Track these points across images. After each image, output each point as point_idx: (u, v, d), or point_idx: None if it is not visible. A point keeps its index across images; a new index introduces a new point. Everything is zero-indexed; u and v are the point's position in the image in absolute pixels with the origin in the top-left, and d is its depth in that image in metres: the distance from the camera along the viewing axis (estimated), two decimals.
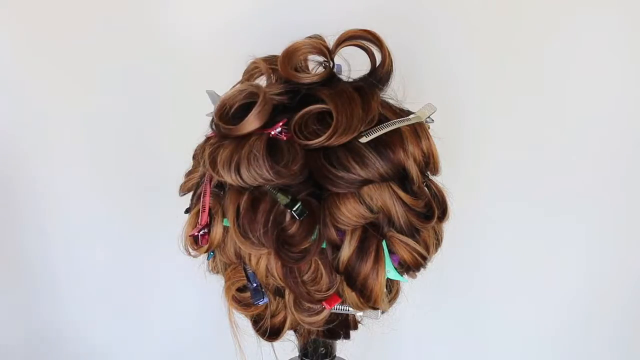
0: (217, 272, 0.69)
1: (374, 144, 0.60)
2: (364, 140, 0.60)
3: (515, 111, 1.10)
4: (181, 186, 0.71)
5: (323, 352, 0.77)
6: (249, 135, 0.59)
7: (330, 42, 0.68)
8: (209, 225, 0.63)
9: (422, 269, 0.66)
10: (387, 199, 0.61)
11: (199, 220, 0.62)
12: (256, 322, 0.67)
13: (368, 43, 0.66)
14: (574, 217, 1.16)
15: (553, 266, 1.20)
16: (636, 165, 1.13)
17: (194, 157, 0.70)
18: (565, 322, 1.25)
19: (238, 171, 0.58)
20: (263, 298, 0.64)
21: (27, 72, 1.08)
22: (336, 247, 0.60)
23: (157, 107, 1.10)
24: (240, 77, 0.70)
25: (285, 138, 0.59)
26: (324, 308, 0.63)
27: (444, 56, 1.06)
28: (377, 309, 0.63)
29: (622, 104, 1.09)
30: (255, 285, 0.63)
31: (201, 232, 0.63)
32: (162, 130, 1.11)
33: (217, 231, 0.62)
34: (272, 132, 0.59)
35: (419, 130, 0.64)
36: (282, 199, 0.58)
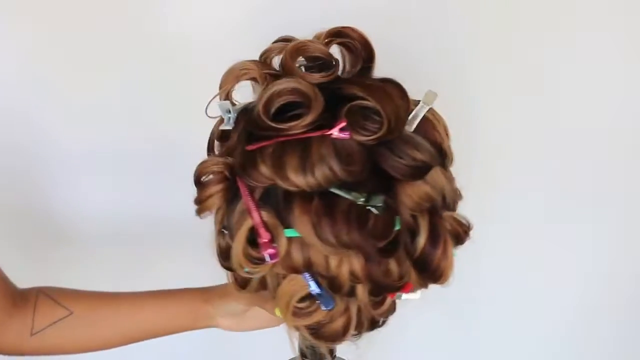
0: (251, 291, 0.68)
1: (416, 132, 0.62)
2: (409, 128, 0.62)
3: (517, 113, 1.10)
4: (200, 208, 0.66)
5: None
6: (309, 138, 0.59)
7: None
8: (272, 240, 0.60)
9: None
10: (442, 178, 0.64)
11: (259, 238, 0.60)
12: (313, 328, 0.66)
13: (348, 39, 0.67)
14: (576, 218, 1.17)
15: (555, 267, 1.20)
16: (637, 167, 1.14)
17: (206, 175, 0.66)
18: (567, 323, 1.26)
19: (313, 175, 0.57)
20: (333, 301, 0.63)
21: (29, 73, 1.08)
22: (412, 234, 0.61)
23: (158, 107, 1.10)
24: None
25: (348, 137, 0.59)
26: (388, 298, 0.65)
27: (445, 58, 1.07)
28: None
29: (626, 105, 1.10)
30: (321, 290, 0.61)
31: (266, 250, 0.60)
32: (162, 131, 1.11)
33: (282, 244, 0.60)
34: (334, 134, 0.59)
35: (435, 115, 0.66)
36: (358, 197, 0.58)
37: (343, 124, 0.59)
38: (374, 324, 0.68)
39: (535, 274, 1.21)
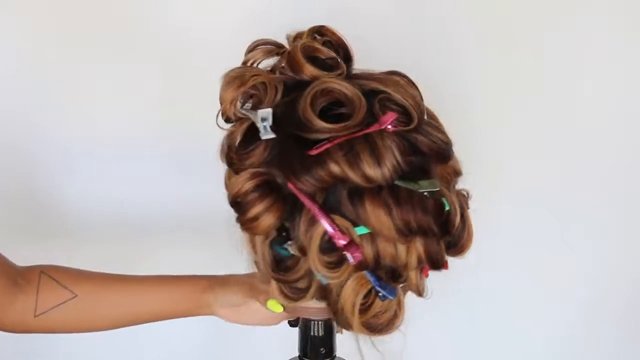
0: (308, 298, 0.66)
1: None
2: (426, 117, 0.63)
3: (516, 113, 1.10)
4: (251, 228, 0.62)
5: (323, 352, 0.77)
6: (368, 134, 0.59)
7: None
8: (350, 243, 0.59)
9: None
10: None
11: (337, 242, 0.59)
12: (366, 322, 0.65)
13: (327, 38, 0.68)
14: (576, 218, 1.17)
15: (555, 267, 1.20)
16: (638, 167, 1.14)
17: (245, 193, 0.61)
18: (567, 323, 1.26)
19: (386, 167, 0.58)
20: (395, 290, 0.63)
21: (33, 73, 1.08)
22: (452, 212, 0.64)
23: (157, 105, 1.10)
24: None
25: (396, 129, 0.60)
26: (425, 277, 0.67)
27: (445, 58, 1.07)
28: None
29: (625, 105, 1.10)
30: (380, 282, 0.62)
31: (354, 252, 0.60)
32: (161, 129, 1.12)
33: (357, 242, 0.60)
34: (389, 127, 0.60)
35: None
36: (415, 186, 0.60)
37: (393, 117, 0.60)
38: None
39: (535, 274, 1.21)
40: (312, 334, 0.76)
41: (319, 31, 0.68)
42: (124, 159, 1.13)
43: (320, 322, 0.76)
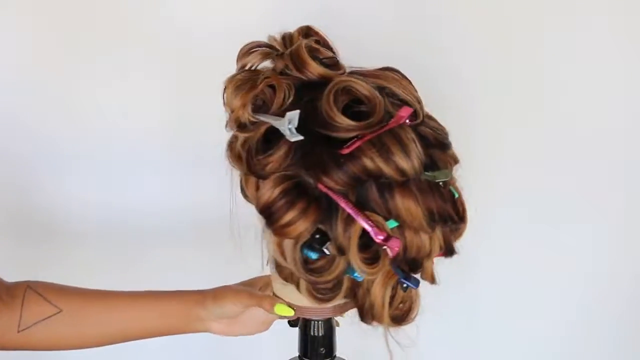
0: (339, 298, 0.67)
1: None
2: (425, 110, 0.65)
3: (517, 113, 1.10)
4: (285, 233, 0.61)
5: (323, 352, 0.77)
6: (392, 129, 0.60)
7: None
8: (388, 237, 0.60)
9: None
10: None
11: (375, 239, 0.59)
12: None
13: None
14: (576, 218, 1.17)
15: (555, 267, 1.20)
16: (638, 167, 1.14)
17: (275, 200, 0.60)
18: (567, 323, 1.26)
19: (415, 158, 0.59)
20: (418, 280, 0.65)
21: (32, 73, 1.08)
22: None
23: (154, 106, 1.10)
24: None
25: (412, 123, 0.62)
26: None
27: (444, 57, 1.07)
28: None
29: (625, 105, 1.10)
30: (404, 274, 0.63)
31: (394, 245, 0.60)
32: (160, 131, 1.12)
33: (391, 235, 0.61)
34: (408, 122, 0.61)
35: None
36: (432, 176, 0.61)
37: (410, 112, 0.61)
38: None
39: (535, 274, 1.21)
40: (312, 334, 0.76)
41: (307, 32, 0.68)
42: (123, 160, 1.13)
43: (320, 322, 0.76)
